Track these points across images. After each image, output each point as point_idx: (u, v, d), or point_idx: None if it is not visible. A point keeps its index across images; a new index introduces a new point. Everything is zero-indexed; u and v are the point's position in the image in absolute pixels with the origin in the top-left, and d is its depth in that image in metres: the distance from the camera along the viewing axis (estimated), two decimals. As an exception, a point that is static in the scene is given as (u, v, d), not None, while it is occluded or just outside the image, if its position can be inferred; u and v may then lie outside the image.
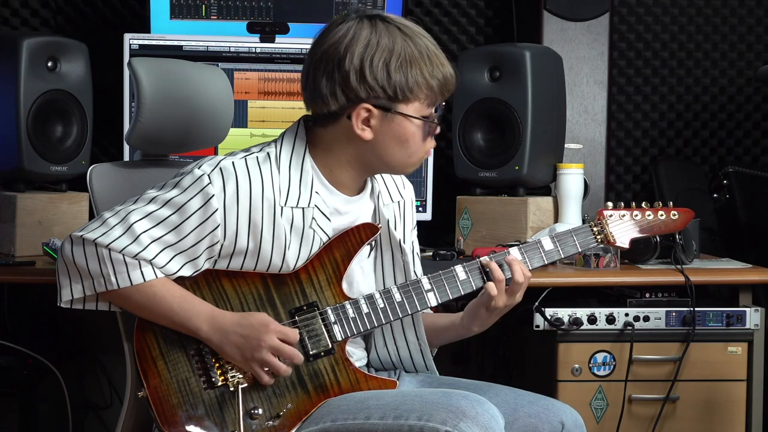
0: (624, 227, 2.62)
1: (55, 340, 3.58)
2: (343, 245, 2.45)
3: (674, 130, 4.16)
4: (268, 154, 2.42)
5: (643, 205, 2.65)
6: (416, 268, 2.64)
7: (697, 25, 4.15)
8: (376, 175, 2.55)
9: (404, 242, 2.56)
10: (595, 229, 2.60)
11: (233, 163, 2.38)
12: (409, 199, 2.63)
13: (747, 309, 3.20)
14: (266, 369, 2.37)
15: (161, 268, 2.36)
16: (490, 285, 2.47)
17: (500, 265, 2.49)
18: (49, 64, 3.23)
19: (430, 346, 2.62)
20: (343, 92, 2.38)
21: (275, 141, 2.47)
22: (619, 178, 4.12)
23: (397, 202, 2.58)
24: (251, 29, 3.62)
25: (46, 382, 3.25)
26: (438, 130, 2.46)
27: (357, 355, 2.56)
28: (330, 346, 2.42)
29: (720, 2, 4.15)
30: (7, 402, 3.18)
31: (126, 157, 3.52)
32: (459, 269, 2.50)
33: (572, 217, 3.44)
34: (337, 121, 2.41)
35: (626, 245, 2.62)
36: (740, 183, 3.97)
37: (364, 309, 2.45)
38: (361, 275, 2.52)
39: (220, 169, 2.37)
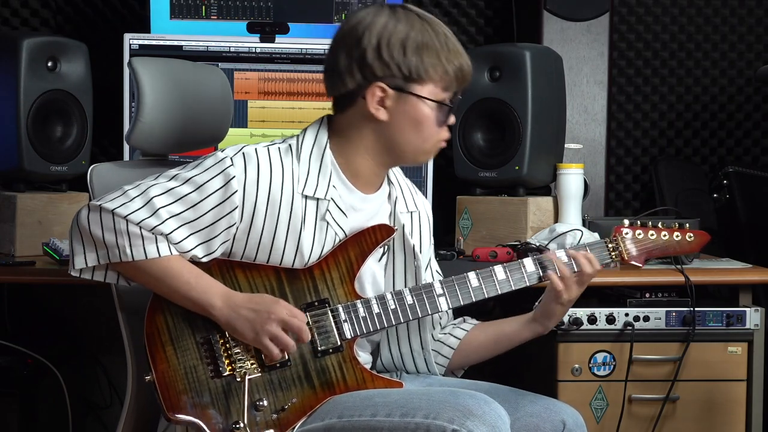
0: (639, 246, 2.63)
1: (55, 340, 3.58)
2: (358, 244, 2.47)
3: (674, 130, 4.16)
4: (289, 145, 2.47)
5: (659, 224, 2.66)
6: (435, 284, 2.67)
7: (697, 25, 4.15)
8: (393, 182, 2.57)
9: (419, 250, 2.58)
10: (610, 245, 2.61)
11: (256, 149, 2.43)
12: (425, 213, 2.65)
13: (747, 309, 3.20)
14: (275, 342, 2.38)
15: (176, 244, 2.37)
16: (557, 281, 2.53)
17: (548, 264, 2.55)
18: (49, 64, 3.23)
19: (491, 355, 2.67)
20: (360, 70, 2.42)
21: (298, 135, 2.50)
22: (619, 178, 4.12)
23: (411, 212, 2.60)
24: (251, 29, 3.62)
25: (46, 382, 3.26)
26: (453, 119, 2.49)
27: (363, 358, 2.57)
28: (339, 343, 2.44)
29: (720, 2, 4.15)
30: (7, 402, 3.18)
31: (126, 157, 3.52)
32: (472, 276, 2.52)
33: (572, 217, 3.44)
34: (354, 102, 2.45)
35: (640, 264, 2.63)
36: (740, 183, 3.97)
37: (375, 309, 2.46)
38: (371, 278, 2.54)
39: (243, 153, 2.41)
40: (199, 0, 3.70)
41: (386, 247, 2.55)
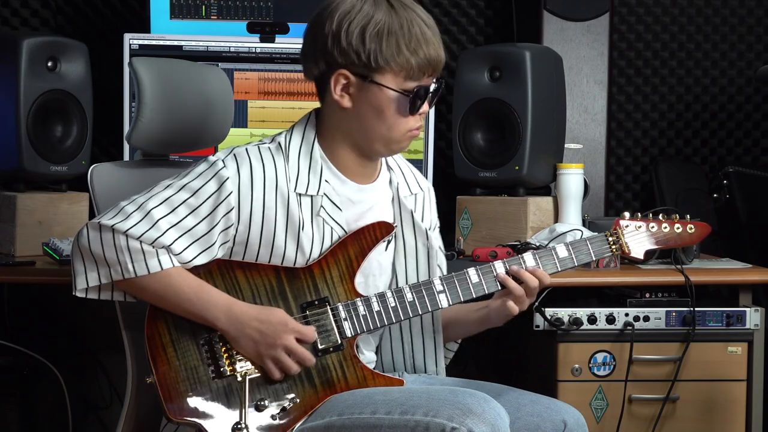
0: (639, 238, 2.61)
1: (55, 340, 3.58)
2: (358, 242, 2.47)
3: (674, 130, 4.16)
4: (279, 143, 2.46)
5: (660, 216, 2.64)
6: (440, 264, 2.66)
7: (697, 25, 4.15)
8: (393, 168, 2.57)
9: (430, 230, 2.58)
10: (610, 239, 2.60)
11: (247, 149, 2.43)
12: (429, 193, 2.65)
13: (747, 309, 3.20)
14: (277, 366, 2.38)
15: (177, 255, 2.37)
16: (511, 305, 2.51)
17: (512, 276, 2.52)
18: (49, 64, 3.23)
19: (457, 338, 2.66)
20: (323, 56, 2.42)
21: (286, 132, 2.50)
22: (619, 178, 4.12)
23: (415, 194, 2.60)
24: (251, 29, 3.62)
25: (46, 382, 3.26)
26: (423, 108, 2.45)
27: (367, 356, 2.57)
28: (339, 342, 2.44)
29: (720, 2, 4.15)
30: (7, 402, 3.18)
31: (126, 157, 3.52)
32: (472, 272, 2.52)
33: (572, 217, 3.44)
34: (326, 91, 2.45)
35: (641, 257, 2.61)
36: (740, 183, 3.97)
37: (375, 307, 2.46)
38: (378, 269, 2.54)
39: (234, 155, 2.41)
40: (199, 0, 3.70)
41: (391, 236, 2.54)
